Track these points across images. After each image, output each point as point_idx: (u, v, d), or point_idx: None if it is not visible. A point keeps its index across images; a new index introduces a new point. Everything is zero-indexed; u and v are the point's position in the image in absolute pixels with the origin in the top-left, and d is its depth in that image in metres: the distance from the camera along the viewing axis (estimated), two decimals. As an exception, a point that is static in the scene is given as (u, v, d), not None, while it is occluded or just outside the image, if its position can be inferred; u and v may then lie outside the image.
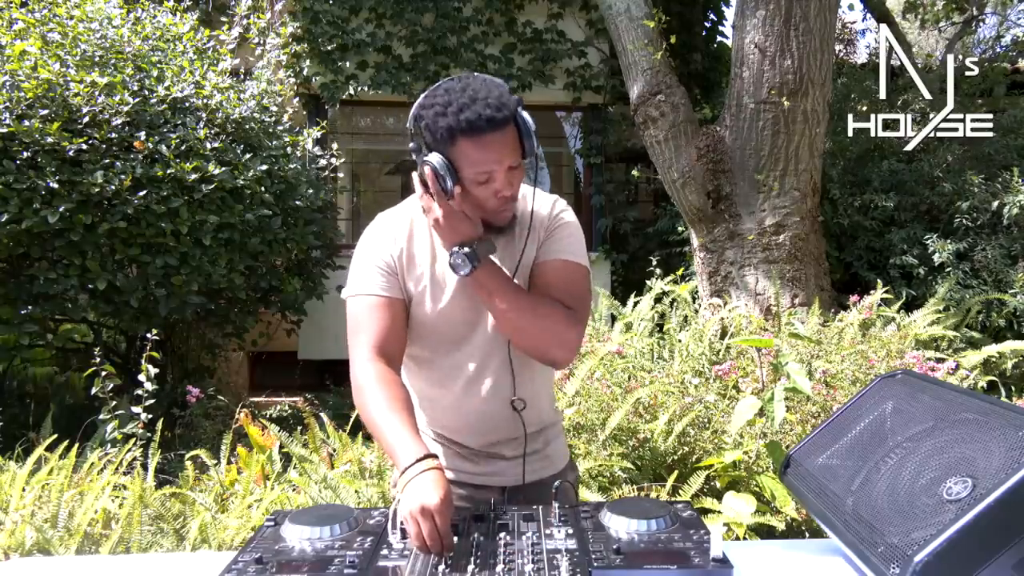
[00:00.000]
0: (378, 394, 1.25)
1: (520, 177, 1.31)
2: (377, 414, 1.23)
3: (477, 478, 1.46)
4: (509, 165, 1.26)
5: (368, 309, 1.33)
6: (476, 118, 1.19)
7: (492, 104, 1.20)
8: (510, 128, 1.24)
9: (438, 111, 1.22)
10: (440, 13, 6.38)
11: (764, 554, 1.23)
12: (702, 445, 2.80)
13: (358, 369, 1.30)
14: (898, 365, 3.23)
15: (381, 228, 1.41)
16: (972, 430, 0.99)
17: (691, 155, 4.56)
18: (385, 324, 1.33)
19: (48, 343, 4.58)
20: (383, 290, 1.34)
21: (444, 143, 1.23)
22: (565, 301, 1.33)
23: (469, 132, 1.20)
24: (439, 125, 1.21)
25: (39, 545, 2.33)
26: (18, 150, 3.64)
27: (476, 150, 1.22)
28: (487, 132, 1.20)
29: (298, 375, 6.21)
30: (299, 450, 3.01)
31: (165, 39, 4.74)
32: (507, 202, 1.31)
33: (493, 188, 1.27)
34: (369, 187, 8.53)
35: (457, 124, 1.19)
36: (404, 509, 1.09)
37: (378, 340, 1.32)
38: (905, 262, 4.88)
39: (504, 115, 1.21)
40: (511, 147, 1.25)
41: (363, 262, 1.38)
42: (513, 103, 1.24)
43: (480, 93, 1.22)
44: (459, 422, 1.45)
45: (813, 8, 4.20)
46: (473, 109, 1.19)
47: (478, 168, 1.24)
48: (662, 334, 4.08)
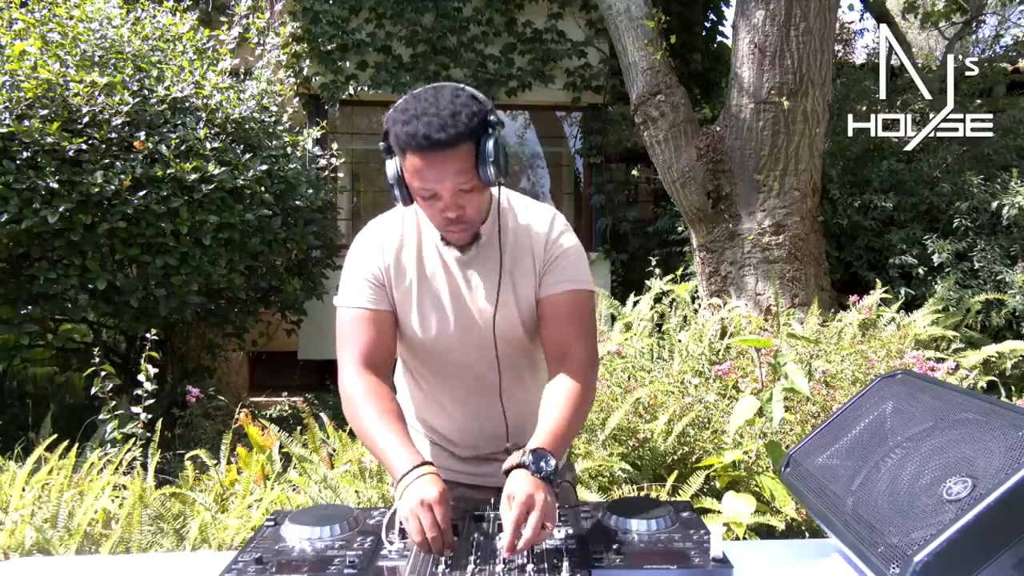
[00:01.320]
0: (368, 407, 1.25)
1: (477, 201, 1.25)
2: (369, 426, 1.23)
3: (473, 479, 1.47)
4: (458, 187, 1.20)
5: (355, 321, 1.33)
6: (416, 134, 1.14)
7: (437, 124, 1.14)
8: (461, 149, 1.16)
9: (397, 117, 1.18)
10: (440, 13, 6.38)
11: (764, 554, 1.23)
12: (702, 445, 2.80)
13: (347, 381, 1.30)
14: (898, 365, 3.23)
15: (371, 238, 1.39)
16: (972, 430, 0.99)
17: (691, 155, 4.56)
18: (372, 337, 1.33)
19: (48, 343, 4.58)
20: (370, 303, 1.33)
21: (398, 151, 1.21)
22: (577, 333, 1.34)
23: (413, 147, 1.16)
24: (395, 132, 1.18)
25: (39, 545, 2.33)
26: (18, 150, 3.64)
27: (419, 166, 1.18)
28: (427, 151, 1.15)
29: (298, 375, 6.21)
30: (299, 450, 3.01)
31: (165, 39, 4.74)
32: (454, 223, 1.26)
33: (439, 207, 1.23)
34: (369, 187, 8.52)
35: (404, 136, 1.16)
36: (403, 508, 1.09)
37: (365, 352, 1.32)
38: (904, 262, 4.88)
39: (448, 136, 1.14)
40: (458, 168, 1.18)
41: (352, 273, 1.37)
42: (472, 123, 1.16)
43: (432, 108, 1.15)
44: (452, 428, 1.46)
45: (813, 8, 4.20)
46: (417, 124, 1.15)
47: (420, 184, 1.20)
48: (661, 334, 4.08)
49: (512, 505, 1.08)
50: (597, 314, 4.52)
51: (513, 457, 1.17)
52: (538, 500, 1.08)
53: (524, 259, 1.35)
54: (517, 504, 1.07)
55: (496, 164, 1.19)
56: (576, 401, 1.27)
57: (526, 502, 1.07)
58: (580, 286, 1.35)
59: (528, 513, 1.07)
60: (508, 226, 1.35)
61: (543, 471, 1.13)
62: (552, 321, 1.35)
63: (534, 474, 1.12)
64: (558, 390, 1.29)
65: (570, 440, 1.29)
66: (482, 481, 1.46)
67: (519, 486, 1.10)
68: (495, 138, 1.19)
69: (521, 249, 1.35)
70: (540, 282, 1.36)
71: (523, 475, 1.12)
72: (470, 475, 1.48)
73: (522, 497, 1.08)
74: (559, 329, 1.34)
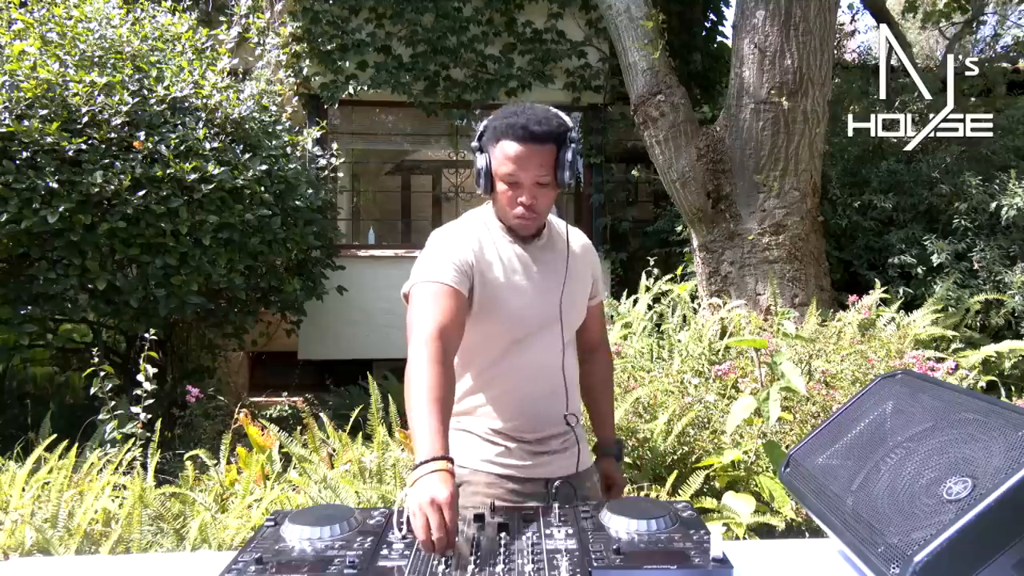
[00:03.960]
0: (430, 376, 1.26)
1: (549, 197, 1.46)
2: (418, 396, 1.24)
3: (528, 470, 1.52)
4: (537, 180, 1.41)
5: (436, 295, 1.37)
6: (516, 124, 1.39)
7: (535, 119, 1.39)
8: (548, 147, 1.40)
9: (498, 115, 1.44)
10: (440, 13, 6.38)
11: (764, 554, 1.23)
12: (702, 445, 2.80)
13: (418, 345, 1.30)
14: (898, 365, 3.23)
15: (454, 233, 1.51)
16: (972, 430, 0.99)
17: (691, 155, 4.56)
18: (452, 312, 1.37)
19: (48, 343, 4.58)
20: (454, 281, 1.40)
21: (491, 141, 1.43)
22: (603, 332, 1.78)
23: (509, 135, 1.39)
24: (494, 125, 1.43)
25: (39, 545, 2.33)
26: (17, 150, 3.64)
27: (511, 153, 1.40)
28: (523, 140, 1.38)
29: (298, 375, 6.21)
30: (299, 450, 3.01)
31: (164, 39, 4.74)
32: (527, 211, 1.44)
33: (517, 192, 1.43)
34: (369, 187, 8.53)
35: (503, 126, 1.41)
36: (413, 501, 1.10)
37: (443, 323, 1.34)
38: (904, 262, 4.88)
39: (543, 131, 1.38)
40: (541, 162, 1.40)
41: (437, 255, 1.44)
42: (560, 129, 1.41)
43: (531, 111, 1.41)
44: (519, 410, 1.53)
45: (813, 8, 4.20)
46: (518, 118, 1.40)
47: (506, 168, 1.41)
48: (660, 334, 4.08)
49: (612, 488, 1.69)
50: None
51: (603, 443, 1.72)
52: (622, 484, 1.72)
53: (581, 265, 1.60)
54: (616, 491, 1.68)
55: (571, 170, 1.42)
56: (612, 388, 1.82)
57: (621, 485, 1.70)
58: (604, 297, 1.82)
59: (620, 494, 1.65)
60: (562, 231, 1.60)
61: (620, 456, 1.73)
62: (592, 322, 1.70)
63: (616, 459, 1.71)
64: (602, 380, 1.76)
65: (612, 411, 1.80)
66: (536, 473, 1.52)
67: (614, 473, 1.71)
68: (573, 150, 1.42)
69: (577, 255, 1.59)
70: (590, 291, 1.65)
71: (612, 464, 1.71)
72: (525, 467, 1.51)
73: (621, 484, 1.70)
74: (595, 328, 1.72)
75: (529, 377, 1.53)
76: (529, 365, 1.53)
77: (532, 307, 1.51)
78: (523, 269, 1.52)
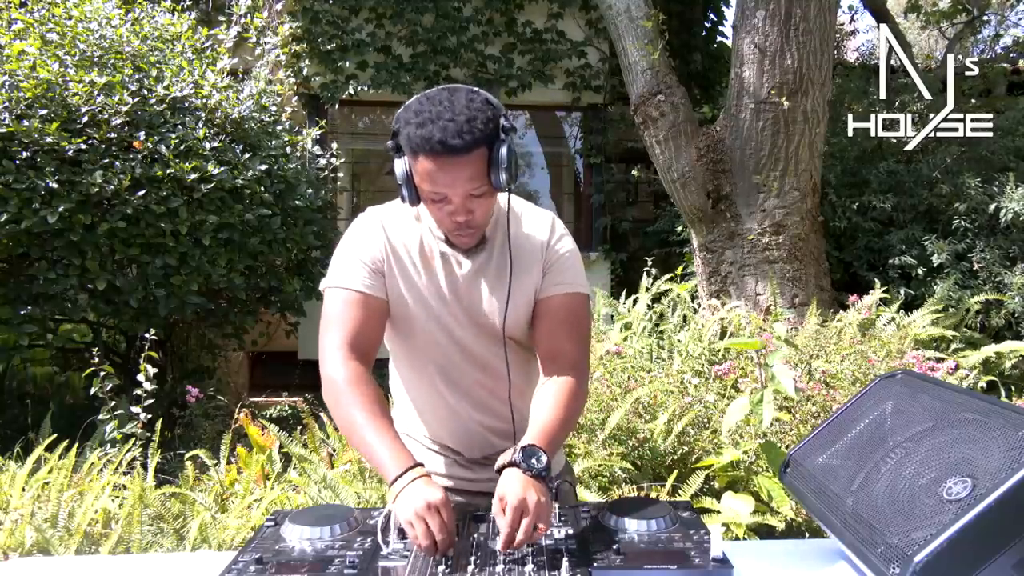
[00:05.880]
0: (354, 396, 1.21)
1: (486, 205, 1.25)
2: (356, 417, 1.19)
3: (475, 484, 1.44)
4: (469, 193, 1.20)
5: (346, 304, 1.29)
6: (430, 138, 1.14)
7: (453, 129, 1.13)
8: (475, 155, 1.16)
9: (410, 119, 1.18)
10: (440, 13, 6.38)
11: (764, 554, 1.23)
12: (701, 445, 2.80)
13: (331, 367, 1.26)
14: (898, 365, 3.23)
15: (372, 222, 1.35)
16: (972, 430, 0.99)
17: (691, 155, 4.56)
18: (362, 321, 1.28)
19: (48, 343, 4.58)
20: (365, 287, 1.29)
21: (409, 153, 1.20)
22: (571, 334, 1.34)
23: (426, 151, 1.15)
24: (407, 133, 1.18)
25: (39, 545, 2.33)
26: (17, 150, 3.64)
27: (431, 170, 1.17)
28: (442, 155, 1.15)
29: (298, 375, 6.20)
30: (299, 450, 3.01)
31: (163, 39, 4.74)
32: (462, 227, 1.25)
33: (448, 210, 1.23)
34: (369, 187, 8.52)
35: (417, 139, 1.15)
36: (407, 512, 1.08)
37: (352, 337, 1.27)
38: (904, 263, 4.88)
39: (463, 142, 1.14)
40: (471, 174, 1.18)
41: (348, 254, 1.33)
42: (486, 130, 1.16)
43: (448, 113, 1.15)
44: (456, 432, 1.43)
45: (813, 8, 4.20)
46: (432, 128, 1.14)
47: (431, 187, 1.19)
48: (660, 334, 4.08)
49: (505, 509, 1.07)
50: (596, 314, 4.53)
51: (504, 455, 1.16)
52: (530, 502, 1.06)
53: (527, 262, 1.35)
54: (510, 509, 1.06)
55: (508, 170, 1.19)
56: (567, 400, 1.27)
57: (518, 507, 1.06)
58: (576, 289, 1.36)
59: (521, 518, 1.06)
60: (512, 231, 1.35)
61: (534, 468, 1.12)
62: (546, 321, 1.35)
63: (525, 472, 1.12)
64: (549, 389, 1.29)
65: (563, 438, 1.28)
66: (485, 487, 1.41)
67: (510, 488, 1.09)
68: (508, 144, 1.19)
69: (524, 253, 1.35)
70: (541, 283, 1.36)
71: (514, 475, 1.12)
72: (472, 481, 1.45)
73: (514, 502, 1.06)
74: (552, 329, 1.34)
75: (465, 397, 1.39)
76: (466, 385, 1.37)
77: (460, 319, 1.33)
78: (452, 278, 1.33)
